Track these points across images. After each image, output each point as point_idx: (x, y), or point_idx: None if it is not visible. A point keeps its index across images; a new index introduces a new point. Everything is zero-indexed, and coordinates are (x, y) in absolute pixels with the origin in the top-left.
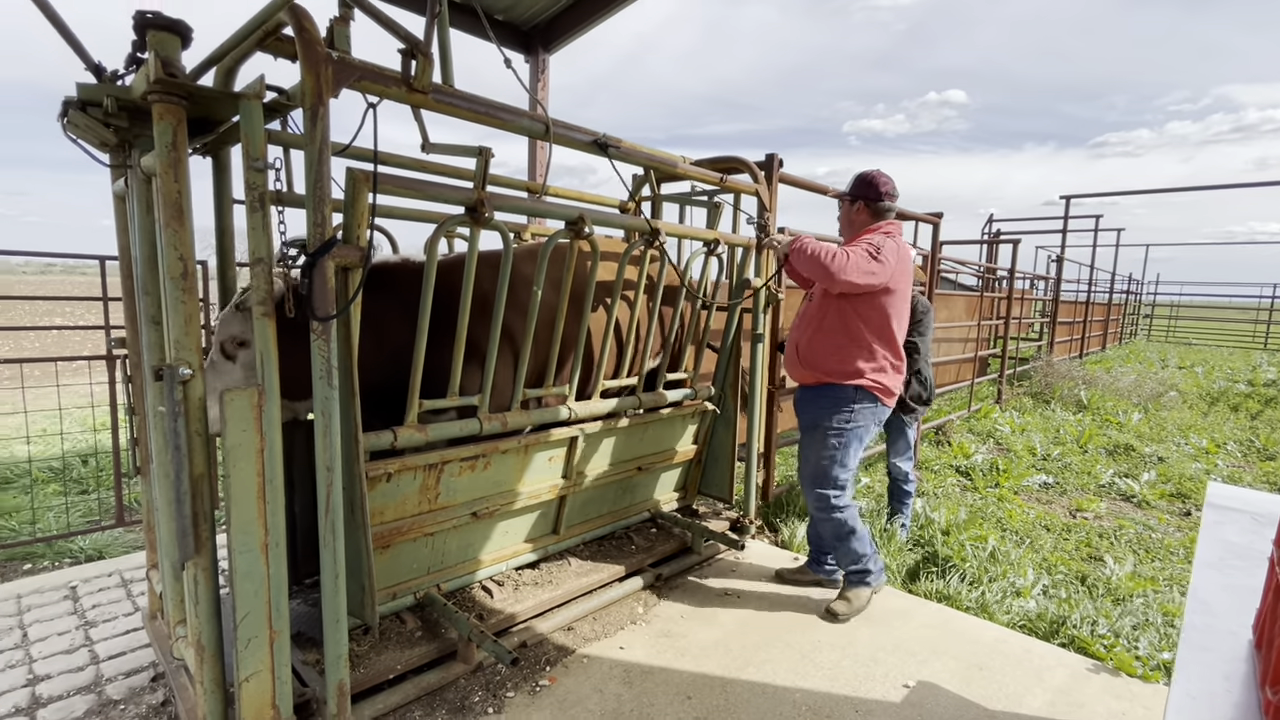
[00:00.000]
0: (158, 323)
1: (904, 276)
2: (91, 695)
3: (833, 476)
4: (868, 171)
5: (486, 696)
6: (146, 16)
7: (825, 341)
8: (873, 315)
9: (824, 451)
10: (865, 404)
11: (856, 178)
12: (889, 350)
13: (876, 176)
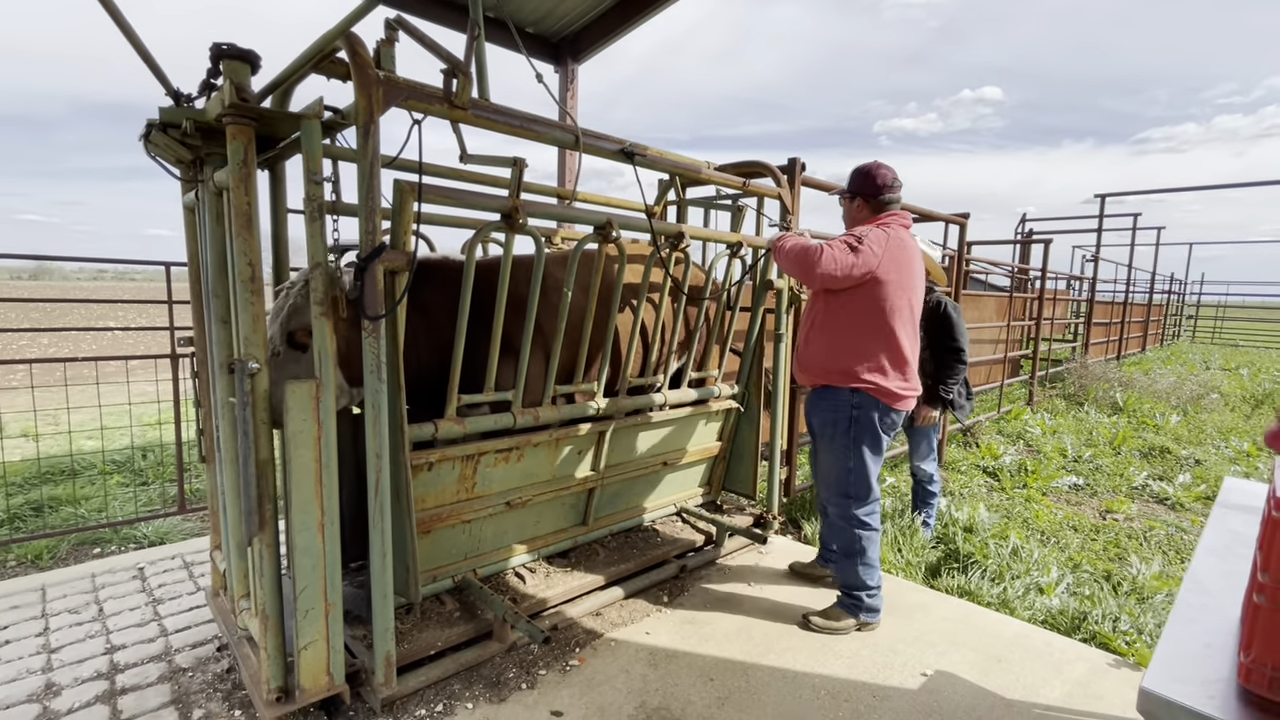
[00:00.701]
0: (226, 322)
1: (901, 267)
2: (163, 663)
3: (850, 484)
4: (865, 164)
5: (520, 674)
6: (222, 48)
7: (818, 340)
8: (865, 311)
9: (834, 459)
10: (865, 407)
11: (854, 172)
12: (887, 349)
13: (873, 169)
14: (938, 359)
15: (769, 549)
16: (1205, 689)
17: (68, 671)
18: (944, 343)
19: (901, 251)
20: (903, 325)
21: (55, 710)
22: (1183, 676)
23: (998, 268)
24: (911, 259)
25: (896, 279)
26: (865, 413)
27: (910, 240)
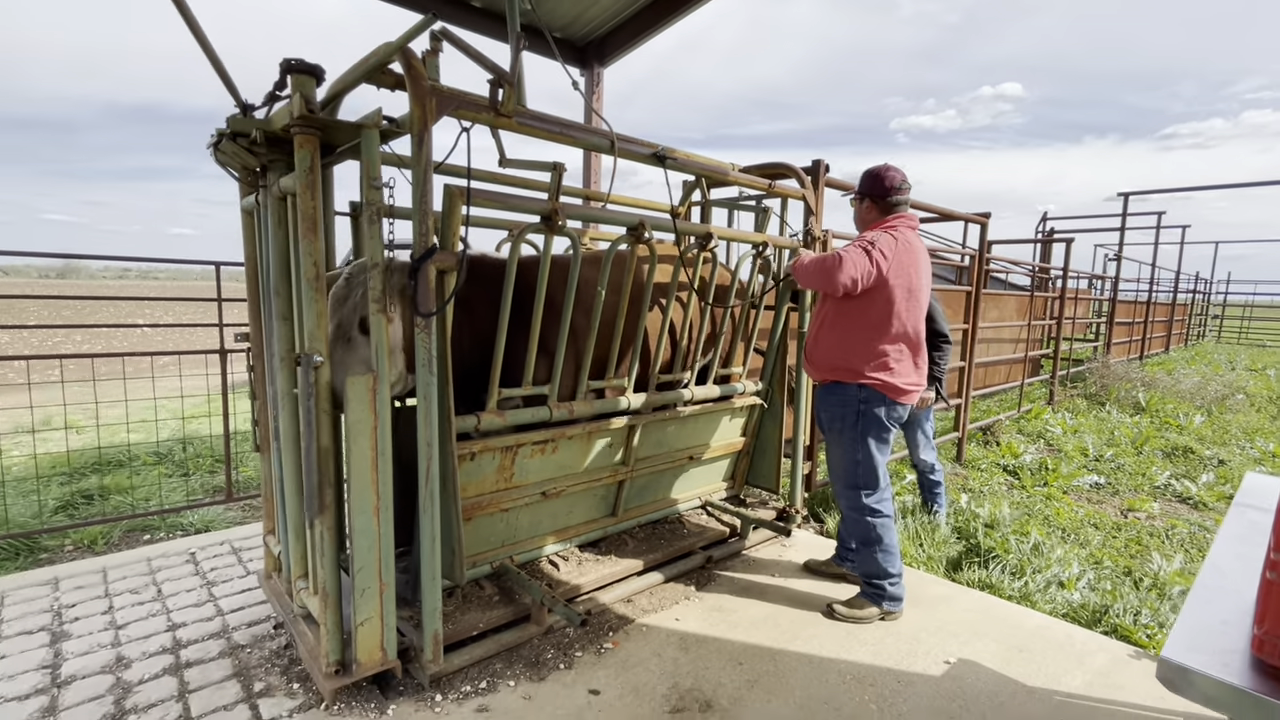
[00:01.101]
0: (287, 319)
1: (907, 269)
2: (221, 640)
3: (858, 475)
4: (875, 167)
5: (557, 655)
6: (291, 62)
7: (827, 339)
8: (870, 310)
9: (844, 453)
10: (873, 403)
11: (864, 174)
12: (892, 346)
13: (882, 171)
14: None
15: (792, 542)
16: (1220, 658)
17: (135, 646)
18: (929, 328)
19: (908, 254)
20: (909, 324)
21: (128, 681)
22: (1199, 647)
23: (1018, 267)
24: (918, 260)
25: (904, 281)
26: (871, 407)
27: (917, 241)
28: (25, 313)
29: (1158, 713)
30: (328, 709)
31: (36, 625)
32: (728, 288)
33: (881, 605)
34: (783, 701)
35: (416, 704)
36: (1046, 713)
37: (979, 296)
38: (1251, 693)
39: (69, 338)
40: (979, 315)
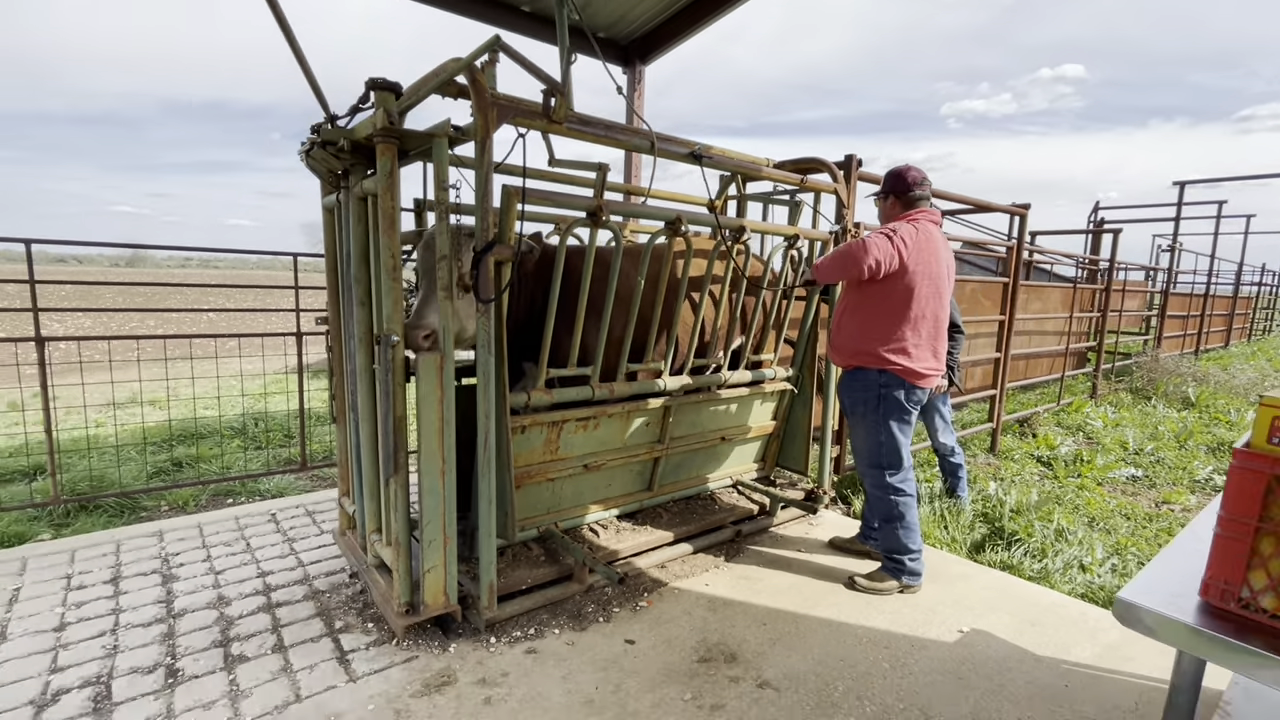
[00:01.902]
0: (365, 304)
1: (928, 259)
2: (304, 586)
3: (881, 456)
4: (896, 167)
5: (597, 610)
6: (375, 80)
7: (849, 325)
8: (891, 296)
9: (867, 434)
10: (893, 387)
11: (887, 174)
12: (911, 331)
13: (904, 171)
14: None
15: (819, 520)
16: (1171, 600)
17: (232, 588)
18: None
19: (929, 244)
20: (929, 311)
21: (230, 615)
22: (1156, 590)
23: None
24: (939, 250)
25: (924, 269)
26: (892, 391)
27: (938, 234)
28: (100, 298)
29: (1164, 683)
30: (399, 644)
31: (149, 569)
32: (760, 278)
33: (901, 579)
34: (801, 657)
35: (474, 644)
36: (1052, 678)
37: (1016, 288)
38: (1185, 623)
39: (143, 321)
40: (1016, 307)
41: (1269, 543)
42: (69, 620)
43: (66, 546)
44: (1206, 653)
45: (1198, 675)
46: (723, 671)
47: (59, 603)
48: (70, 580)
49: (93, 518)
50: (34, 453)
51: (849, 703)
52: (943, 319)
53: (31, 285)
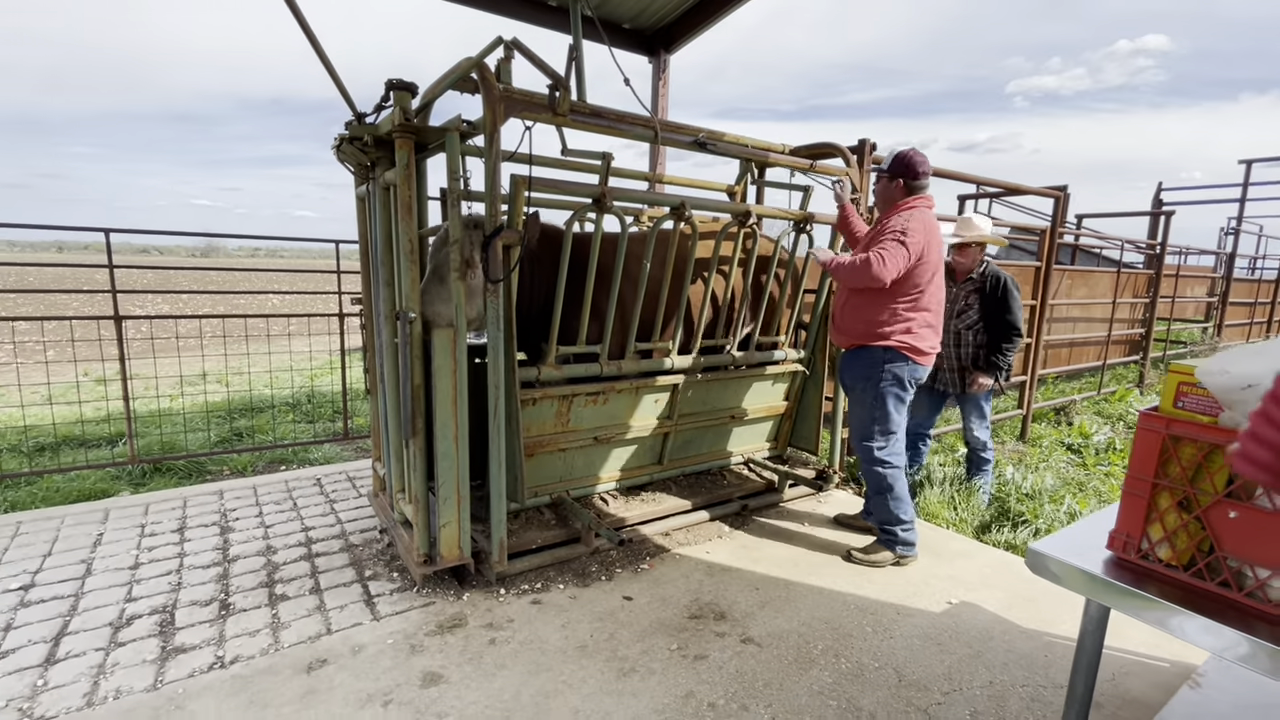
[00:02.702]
0: (389, 284)
1: (931, 246)
2: (341, 540)
3: (874, 431)
4: (905, 151)
5: (600, 570)
6: (393, 81)
7: (856, 306)
8: (900, 281)
9: (864, 410)
10: (896, 363)
11: (895, 157)
12: (916, 312)
13: (914, 156)
14: (996, 332)
15: (827, 498)
16: (1080, 552)
17: (279, 540)
18: (1003, 317)
19: (932, 231)
20: (932, 293)
21: (276, 561)
22: (1071, 544)
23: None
24: (937, 235)
25: (927, 256)
26: (895, 367)
27: (933, 219)
28: (177, 285)
29: (1148, 659)
30: (419, 591)
31: (210, 522)
32: (769, 259)
33: (895, 550)
34: (787, 619)
35: (485, 594)
36: (1033, 648)
37: (1049, 272)
38: (1085, 570)
39: (213, 306)
40: (1048, 292)
41: (1165, 498)
42: (142, 561)
43: (142, 501)
44: (1103, 596)
45: (1103, 620)
46: (710, 628)
47: (134, 546)
48: (144, 529)
49: (164, 478)
50: (115, 421)
51: (826, 660)
52: (942, 299)
53: (110, 270)
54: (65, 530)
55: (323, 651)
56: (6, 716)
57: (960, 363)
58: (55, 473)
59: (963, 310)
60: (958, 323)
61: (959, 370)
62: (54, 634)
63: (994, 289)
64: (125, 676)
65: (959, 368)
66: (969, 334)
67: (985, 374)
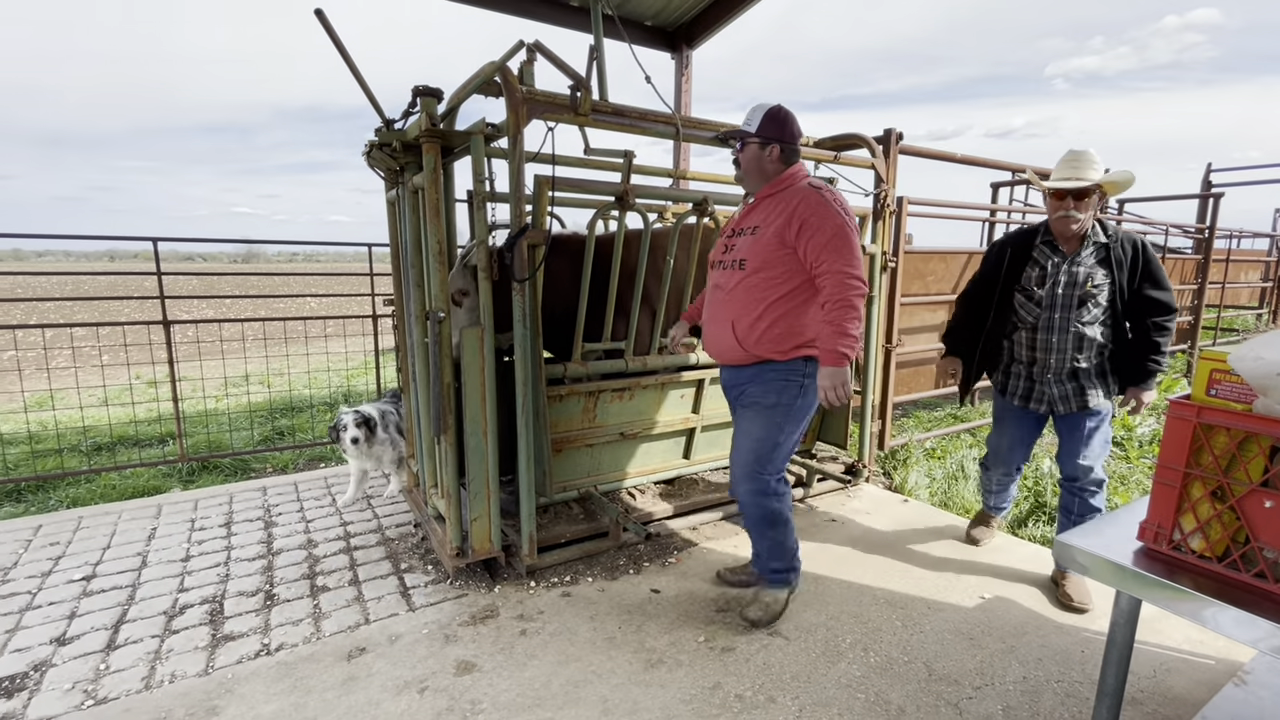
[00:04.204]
0: (419, 285)
1: None
2: (377, 534)
3: (775, 457)
4: (773, 107)
5: (628, 563)
6: (419, 88)
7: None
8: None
9: (766, 430)
10: (815, 377)
11: (765, 116)
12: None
13: (787, 114)
14: (1142, 317)
15: (857, 493)
16: (1110, 544)
17: (319, 534)
18: (1149, 295)
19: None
20: None
21: (316, 554)
22: (1095, 535)
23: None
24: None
25: None
26: (815, 381)
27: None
28: (220, 291)
29: (1190, 655)
30: (452, 583)
31: (254, 516)
32: None
33: (791, 583)
34: (815, 612)
35: (516, 586)
36: (1069, 644)
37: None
38: (1114, 561)
39: (255, 310)
40: None
41: (1197, 488)
42: (192, 553)
43: (191, 497)
44: (1133, 588)
45: (1134, 613)
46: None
47: (185, 540)
48: (194, 523)
49: (211, 475)
50: (165, 421)
51: (854, 653)
52: None
53: (159, 277)
54: (122, 525)
55: (361, 640)
56: (73, 697)
57: (1075, 373)
58: (111, 470)
59: (1079, 298)
60: (1073, 317)
61: (1074, 382)
62: (114, 621)
63: (1131, 257)
64: (179, 662)
65: (1072, 378)
66: (1093, 330)
67: (1143, 386)
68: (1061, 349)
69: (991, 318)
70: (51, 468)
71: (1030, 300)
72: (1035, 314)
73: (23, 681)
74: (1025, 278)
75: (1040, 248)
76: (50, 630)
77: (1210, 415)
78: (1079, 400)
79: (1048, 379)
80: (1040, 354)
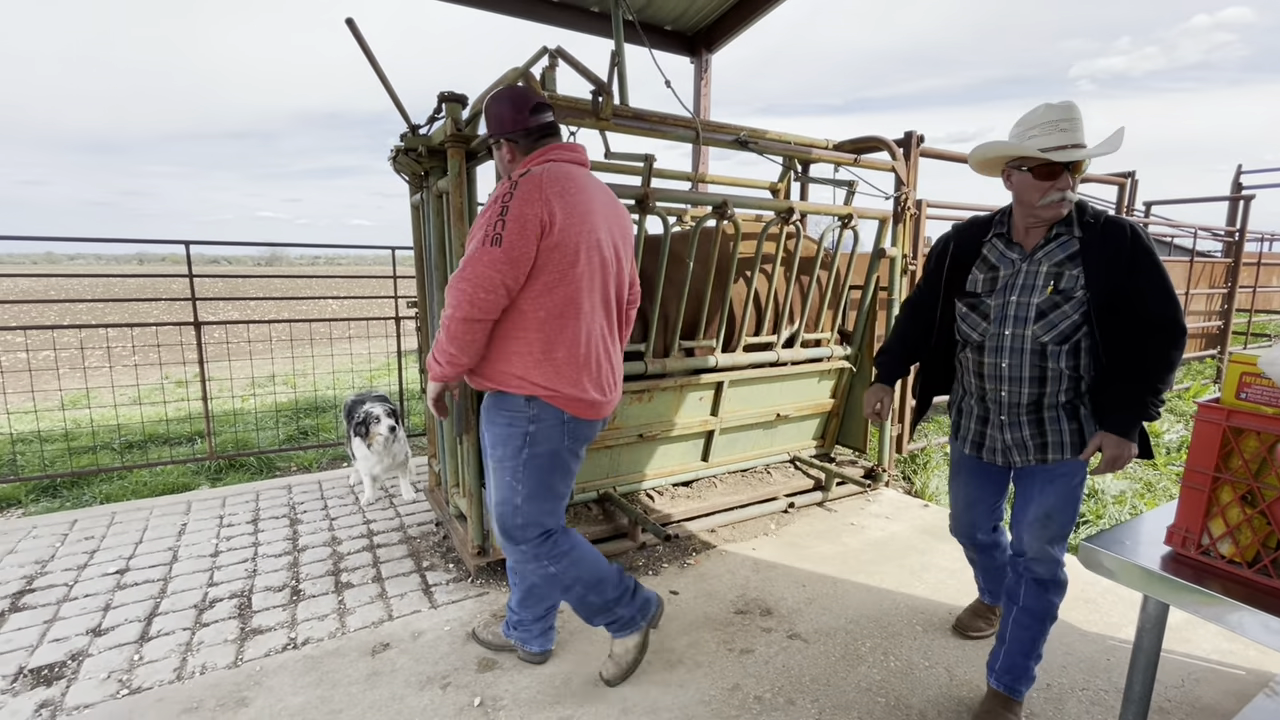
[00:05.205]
0: (443, 287)
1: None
2: (399, 533)
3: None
4: (499, 91)
5: (647, 564)
6: (445, 94)
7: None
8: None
9: (498, 484)
10: (545, 421)
11: (487, 106)
12: (571, 337)
13: (500, 98)
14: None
15: (877, 497)
16: (1137, 548)
17: (343, 532)
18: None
19: (578, 199)
20: (598, 300)
21: (340, 551)
22: (1122, 539)
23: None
24: (594, 205)
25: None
26: (543, 427)
27: (590, 180)
28: (246, 291)
29: (1221, 666)
30: (473, 581)
31: (281, 514)
32: (813, 258)
33: (638, 625)
34: (834, 616)
35: None
36: (1094, 652)
37: None
38: (1141, 566)
39: (278, 312)
40: None
41: (1227, 492)
42: (221, 549)
43: (219, 494)
44: (1161, 593)
45: (1161, 618)
46: (757, 623)
47: (214, 536)
48: (222, 519)
49: (238, 473)
50: (195, 420)
51: (874, 657)
52: (620, 303)
53: (190, 280)
54: (153, 520)
55: (385, 636)
56: (109, 686)
57: (1035, 410)
58: (143, 468)
59: (1039, 307)
60: (1030, 334)
61: (1033, 424)
62: (146, 614)
63: (1115, 250)
64: (209, 654)
65: (1032, 417)
66: (1060, 352)
67: (1119, 431)
68: (1015, 377)
69: (935, 335)
70: (86, 464)
71: (975, 312)
72: (982, 330)
73: (61, 670)
74: (972, 282)
75: (993, 242)
76: (86, 621)
77: (1240, 419)
78: (1038, 449)
79: (1000, 419)
80: (990, 384)
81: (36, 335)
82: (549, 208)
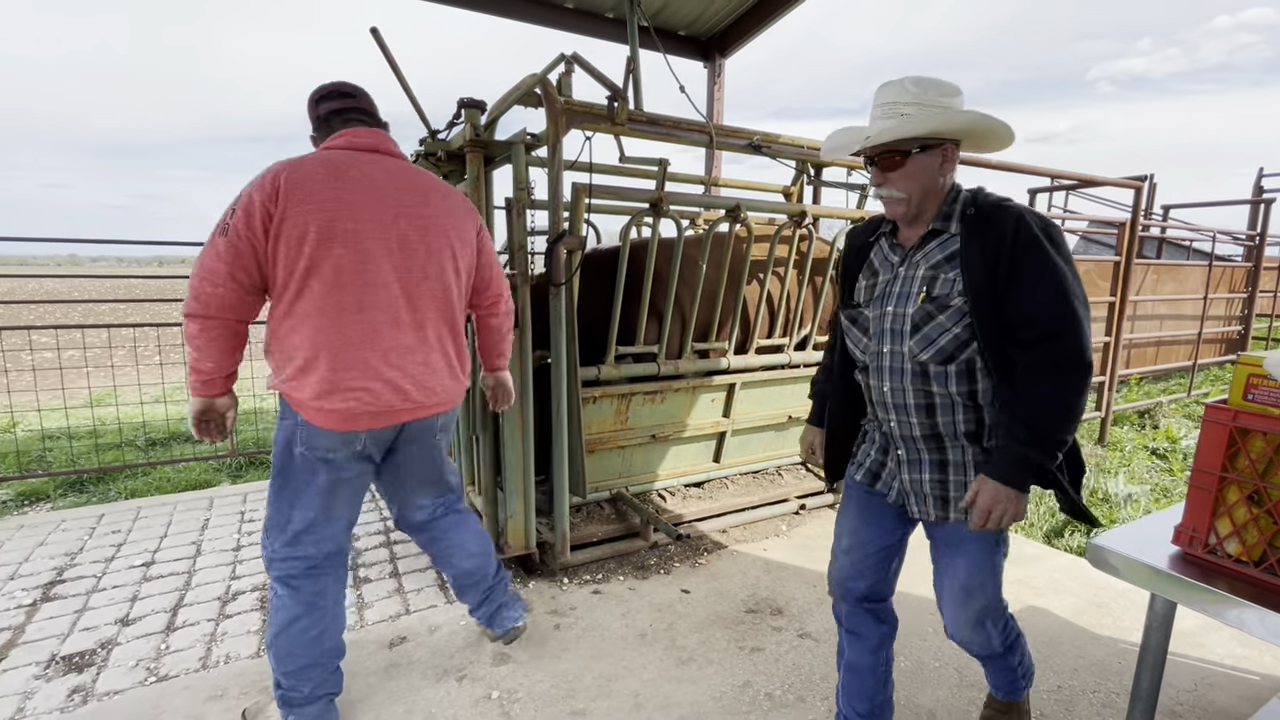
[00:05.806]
0: None
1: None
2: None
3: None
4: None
5: (659, 563)
6: (464, 100)
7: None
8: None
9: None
10: (297, 433)
11: None
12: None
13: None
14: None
15: None
16: (1144, 547)
17: (361, 528)
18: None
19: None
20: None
21: (359, 548)
22: (1130, 538)
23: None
24: (382, 192)
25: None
26: (296, 438)
27: (372, 166)
28: None
29: (1234, 670)
30: None
31: None
32: (825, 260)
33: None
34: None
35: (549, 583)
36: (1106, 655)
37: (1129, 267)
38: (1148, 564)
39: None
40: (1129, 288)
41: (1234, 492)
42: (243, 544)
43: (240, 491)
44: (1168, 591)
45: (1169, 617)
46: (767, 622)
47: (235, 531)
48: (243, 515)
49: (258, 470)
50: None
51: None
52: (423, 307)
53: None
54: (177, 515)
55: (402, 630)
56: (137, 674)
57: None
58: (166, 464)
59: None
60: (908, 352)
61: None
62: (172, 605)
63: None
64: (233, 644)
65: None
66: (946, 375)
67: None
68: (899, 404)
69: (833, 355)
70: (112, 460)
71: (856, 325)
72: (863, 346)
73: (91, 658)
74: (856, 290)
75: (880, 243)
76: (115, 611)
77: (1247, 419)
78: (937, 503)
79: (898, 454)
80: (880, 411)
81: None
82: (276, 196)
